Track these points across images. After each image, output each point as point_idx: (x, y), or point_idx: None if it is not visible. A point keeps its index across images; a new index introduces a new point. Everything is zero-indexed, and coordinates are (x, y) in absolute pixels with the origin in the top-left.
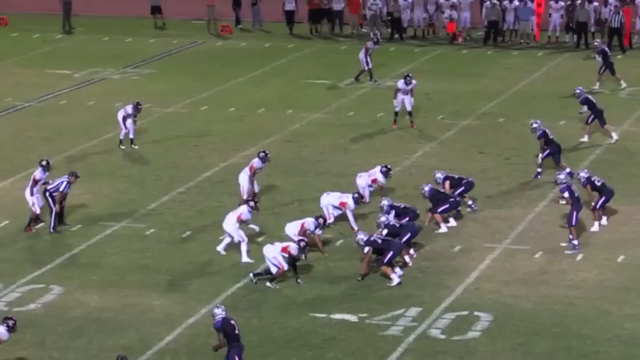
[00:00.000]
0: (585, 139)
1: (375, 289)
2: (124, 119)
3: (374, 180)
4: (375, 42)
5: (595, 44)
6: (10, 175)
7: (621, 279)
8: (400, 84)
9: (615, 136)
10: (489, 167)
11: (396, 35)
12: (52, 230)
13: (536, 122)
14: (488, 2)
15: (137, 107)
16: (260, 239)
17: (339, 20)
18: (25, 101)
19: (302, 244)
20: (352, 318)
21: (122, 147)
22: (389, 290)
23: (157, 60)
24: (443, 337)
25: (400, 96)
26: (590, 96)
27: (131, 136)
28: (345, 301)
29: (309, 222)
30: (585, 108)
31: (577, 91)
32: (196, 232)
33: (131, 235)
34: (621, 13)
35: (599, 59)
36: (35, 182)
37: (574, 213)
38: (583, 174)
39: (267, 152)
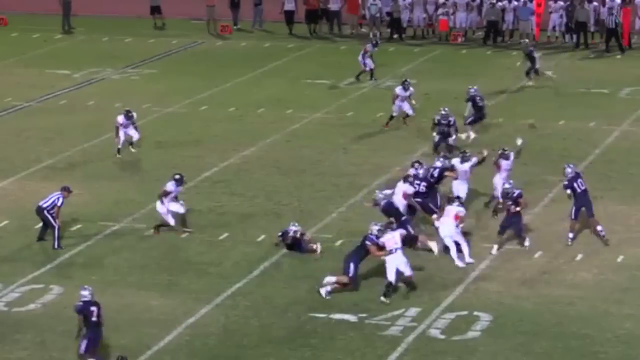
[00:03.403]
0: (471, 135)
1: (375, 289)
2: (121, 128)
3: (404, 195)
4: (374, 44)
5: (522, 42)
6: (10, 175)
7: (621, 279)
8: (399, 90)
9: (472, 135)
10: (487, 168)
11: (395, 36)
12: (56, 247)
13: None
14: (487, 2)
15: (127, 115)
16: (259, 239)
17: (336, 20)
18: (25, 101)
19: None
20: (352, 318)
21: (119, 156)
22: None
23: (156, 61)
24: (443, 337)
25: (397, 102)
26: (479, 98)
27: (135, 139)
28: (344, 301)
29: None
30: (468, 106)
31: (472, 91)
32: (196, 232)
33: (131, 235)
34: (615, 14)
35: (527, 61)
36: (167, 194)
37: (574, 207)
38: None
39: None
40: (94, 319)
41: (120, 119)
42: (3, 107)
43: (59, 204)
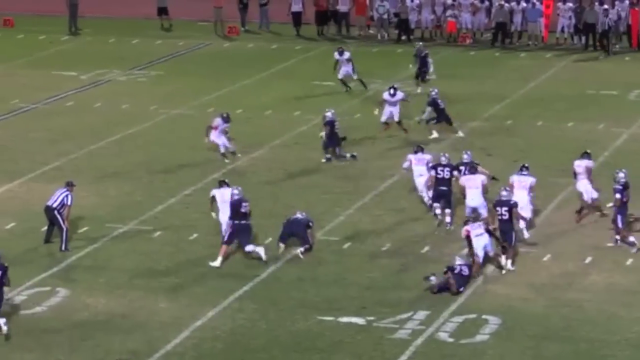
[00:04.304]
0: (435, 135)
1: (383, 292)
2: (214, 131)
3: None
4: (340, 52)
5: (418, 45)
6: (17, 177)
7: (630, 282)
8: (386, 95)
9: (461, 134)
10: (497, 170)
11: (403, 37)
12: (64, 249)
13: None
14: (496, 3)
15: (226, 118)
16: (267, 241)
17: (345, 22)
18: (31, 103)
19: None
20: (360, 321)
21: (227, 160)
22: (397, 293)
23: (163, 62)
24: (451, 340)
25: (387, 108)
26: (439, 100)
27: (230, 148)
28: (352, 304)
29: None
30: (429, 109)
31: (433, 94)
32: (203, 234)
33: (138, 237)
34: (610, 16)
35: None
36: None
37: (619, 216)
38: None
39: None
40: None
41: (218, 121)
42: (9, 109)
43: (68, 202)
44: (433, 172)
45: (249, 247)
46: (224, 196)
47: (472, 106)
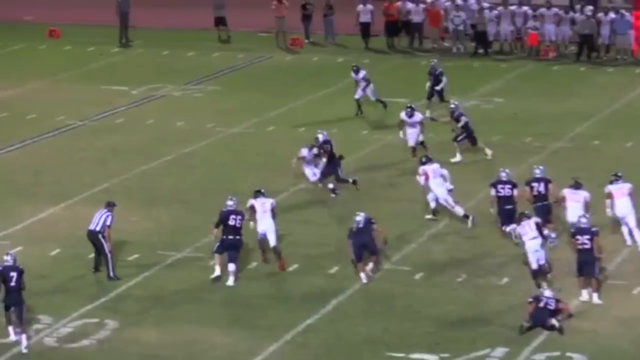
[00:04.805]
0: (458, 158)
1: (459, 326)
2: (305, 163)
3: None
4: (356, 71)
5: (432, 62)
6: (62, 200)
7: None
8: (403, 115)
9: (489, 153)
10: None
11: (481, 50)
12: (112, 276)
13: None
14: (581, 14)
15: (308, 147)
16: (332, 271)
17: (418, 33)
18: (78, 120)
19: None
20: (433, 358)
21: (334, 196)
22: (473, 328)
23: (221, 76)
24: None
25: (408, 130)
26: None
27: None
28: (425, 339)
29: None
30: (461, 123)
31: (452, 106)
32: (262, 263)
33: (192, 265)
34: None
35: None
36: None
37: None
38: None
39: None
40: (12, 284)
41: (304, 151)
42: (55, 126)
43: (108, 222)
44: (493, 191)
45: (231, 267)
46: (264, 206)
47: (556, 125)
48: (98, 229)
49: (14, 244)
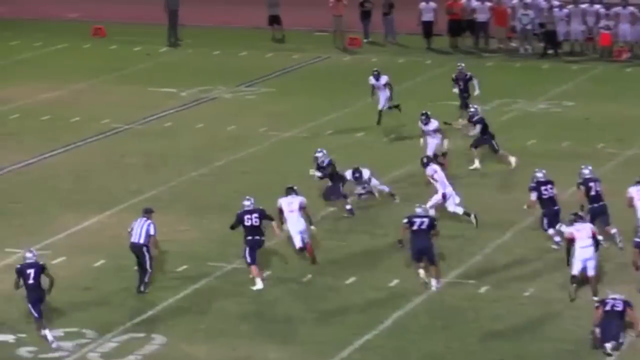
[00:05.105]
0: (476, 165)
1: (525, 343)
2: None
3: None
4: (377, 76)
5: (460, 66)
6: (108, 208)
7: None
8: (420, 123)
9: (513, 161)
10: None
11: (550, 51)
12: (142, 289)
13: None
14: None
15: (356, 175)
16: (391, 284)
17: (483, 33)
18: (124, 123)
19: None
20: None
21: (396, 200)
22: (539, 345)
23: (275, 78)
24: None
25: (428, 139)
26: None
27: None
28: (489, 357)
29: None
30: (477, 129)
31: (472, 110)
32: (318, 274)
33: (244, 277)
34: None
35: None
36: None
37: None
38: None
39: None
40: (30, 281)
41: (349, 175)
42: (100, 130)
43: (152, 232)
44: (535, 194)
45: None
46: (290, 205)
47: (630, 131)
48: (142, 241)
49: (56, 254)
